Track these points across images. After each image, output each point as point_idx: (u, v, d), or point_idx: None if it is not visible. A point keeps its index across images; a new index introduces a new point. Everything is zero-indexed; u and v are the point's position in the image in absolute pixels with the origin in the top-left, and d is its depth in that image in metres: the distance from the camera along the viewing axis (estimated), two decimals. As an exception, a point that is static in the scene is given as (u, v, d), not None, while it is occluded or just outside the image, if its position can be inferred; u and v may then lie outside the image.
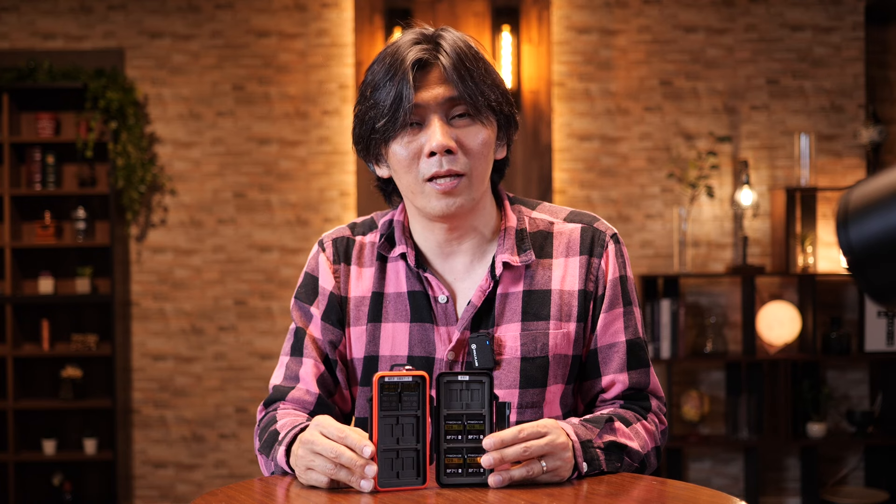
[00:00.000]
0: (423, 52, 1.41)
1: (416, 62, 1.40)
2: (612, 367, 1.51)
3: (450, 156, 1.41)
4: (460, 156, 1.41)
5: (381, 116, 1.41)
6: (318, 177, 4.89)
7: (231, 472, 4.92)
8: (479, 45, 1.47)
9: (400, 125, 1.40)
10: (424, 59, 1.41)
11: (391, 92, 1.40)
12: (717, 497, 1.27)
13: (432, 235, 1.49)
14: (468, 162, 1.42)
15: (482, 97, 1.42)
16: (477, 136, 1.43)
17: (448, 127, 1.41)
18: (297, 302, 1.56)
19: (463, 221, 1.47)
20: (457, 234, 1.49)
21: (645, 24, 4.87)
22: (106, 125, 4.73)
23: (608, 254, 1.51)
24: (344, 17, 4.86)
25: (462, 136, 1.42)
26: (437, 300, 1.48)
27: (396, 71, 1.40)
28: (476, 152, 1.43)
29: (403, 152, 1.42)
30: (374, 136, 1.44)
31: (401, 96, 1.39)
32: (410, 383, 1.30)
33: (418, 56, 1.40)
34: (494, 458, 1.28)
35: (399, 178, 1.46)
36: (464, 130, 1.42)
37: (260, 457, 1.49)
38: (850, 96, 4.88)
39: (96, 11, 4.91)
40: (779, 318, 4.63)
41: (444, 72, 1.41)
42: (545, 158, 4.74)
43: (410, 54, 1.40)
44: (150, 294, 4.93)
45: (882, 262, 0.85)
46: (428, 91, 1.41)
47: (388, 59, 1.42)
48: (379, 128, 1.42)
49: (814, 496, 4.72)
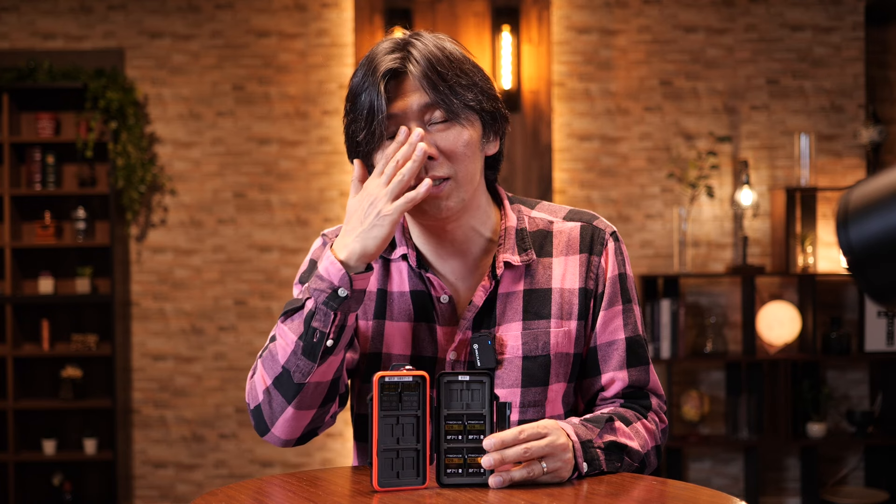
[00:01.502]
0: (393, 61, 1.41)
1: (387, 72, 1.40)
2: (611, 364, 1.51)
3: (431, 162, 1.41)
4: (443, 160, 1.41)
5: (360, 130, 1.42)
6: (318, 177, 4.89)
7: (231, 472, 4.92)
8: (456, 44, 1.46)
9: (377, 137, 1.41)
10: (395, 69, 1.41)
11: (366, 104, 1.41)
12: (717, 497, 1.27)
13: (430, 238, 1.50)
14: (451, 165, 1.42)
15: (457, 99, 1.42)
16: (458, 139, 1.42)
17: (427, 134, 1.41)
18: (301, 286, 1.53)
19: (458, 222, 1.47)
20: (453, 236, 1.49)
21: (645, 24, 4.87)
22: (106, 125, 4.73)
23: (608, 251, 1.52)
24: (344, 17, 4.86)
25: (441, 140, 1.42)
26: (439, 300, 1.48)
27: (370, 82, 1.41)
28: (459, 154, 1.42)
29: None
30: (358, 148, 1.44)
31: (373, 108, 1.40)
32: (410, 383, 1.30)
33: (389, 66, 1.40)
34: (495, 458, 1.29)
35: None
36: (443, 135, 1.42)
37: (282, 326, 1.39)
38: (850, 96, 4.88)
39: (96, 11, 4.91)
40: (779, 318, 4.63)
41: (413, 80, 1.41)
42: (545, 158, 4.74)
43: (382, 65, 1.40)
44: (150, 294, 4.93)
45: (882, 262, 0.85)
46: (402, 100, 1.41)
47: (362, 69, 1.43)
48: (360, 140, 1.43)
49: (814, 496, 4.72)
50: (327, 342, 1.35)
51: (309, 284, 1.38)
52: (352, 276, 1.34)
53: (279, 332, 1.39)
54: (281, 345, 1.39)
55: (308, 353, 1.36)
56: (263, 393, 1.42)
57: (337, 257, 1.36)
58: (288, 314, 1.38)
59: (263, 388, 1.42)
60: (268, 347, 1.42)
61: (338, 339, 1.36)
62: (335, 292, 1.34)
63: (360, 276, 1.36)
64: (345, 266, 1.35)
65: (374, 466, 1.30)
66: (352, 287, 1.35)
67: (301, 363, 1.37)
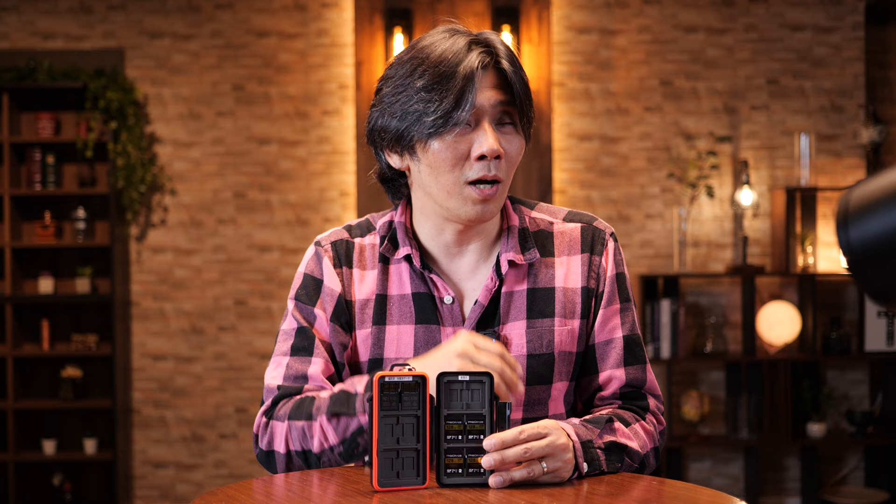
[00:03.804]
0: (483, 54, 1.40)
1: (482, 63, 1.39)
2: (609, 362, 1.52)
3: (496, 161, 1.41)
4: (503, 162, 1.43)
5: (434, 112, 1.38)
6: (318, 177, 4.89)
7: (231, 472, 4.92)
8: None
9: (454, 124, 1.39)
10: (486, 63, 1.40)
11: (451, 90, 1.38)
12: (717, 497, 1.27)
13: (442, 237, 1.50)
14: (507, 169, 1.44)
15: (530, 107, 1.45)
16: (517, 146, 1.44)
17: (496, 132, 1.42)
18: (298, 303, 1.53)
19: (478, 225, 1.49)
20: (467, 237, 1.50)
21: (645, 24, 4.87)
22: (106, 125, 4.73)
23: (608, 251, 1.53)
24: (344, 17, 4.86)
25: (505, 143, 1.43)
26: (443, 301, 1.48)
27: (458, 71, 1.38)
28: (513, 161, 1.44)
29: (448, 152, 1.40)
30: (415, 128, 1.41)
31: (463, 96, 1.38)
32: (411, 383, 1.30)
33: (482, 59, 1.40)
34: (495, 459, 1.29)
35: (435, 176, 1.43)
36: (508, 137, 1.43)
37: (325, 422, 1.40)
38: (850, 96, 4.88)
39: (96, 11, 4.91)
40: (779, 318, 4.63)
41: (502, 77, 1.41)
42: (545, 158, 4.74)
43: (474, 56, 1.39)
44: (150, 294, 4.93)
45: (882, 262, 0.85)
46: (483, 94, 1.40)
47: (441, 54, 1.40)
48: (428, 122, 1.39)
49: (814, 496, 4.72)
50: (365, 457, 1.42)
51: (363, 398, 1.38)
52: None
53: (321, 425, 1.41)
54: (318, 436, 1.41)
55: (346, 458, 1.42)
56: (284, 455, 1.46)
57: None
58: (336, 415, 1.40)
59: (286, 450, 1.45)
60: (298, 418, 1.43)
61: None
62: None
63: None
64: None
65: (374, 466, 1.30)
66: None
67: (335, 459, 1.43)
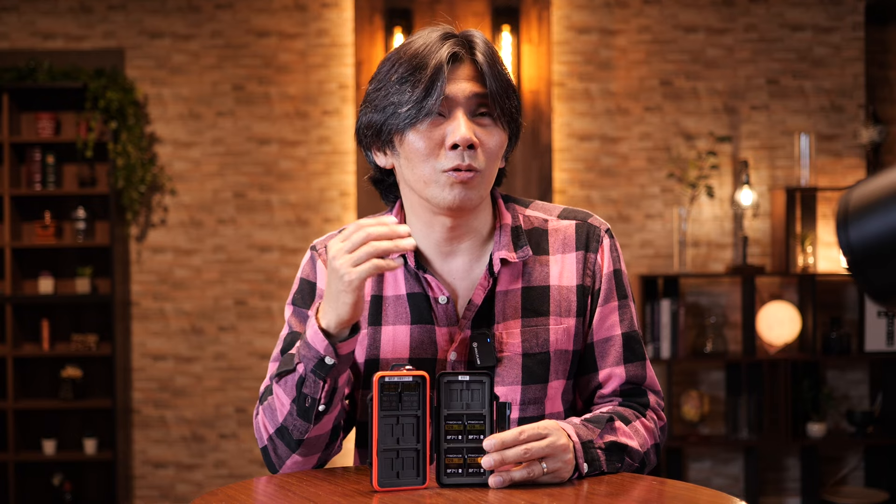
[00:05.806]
0: (456, 46, 1.43)
1: (451, 55, 1.42)
2: (608, 360, 1.51)
3: (471, 151, 1.41)
4: (479, 153, 1.43)
5: (407, 103, 1.41)
6: (318, 177, 4.89)
7: (231, 472, 4.92)
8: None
9: (425, 114, 1.40)
10: (459, 54, 1.43)
11: (422, 80, 1.40)
12: (717, 497, 1.27)
13: (433, 234, 1.49)
14: (484, 160, 1.43)
15: (507, 101, 1.44)
16: (496, 139, 1.44)
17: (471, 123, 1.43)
18: (296, 308, 1.54)
19: (465, 220, 1.48)
20: (457, 233, 1.49)
21: (645, 24, 4.87)
22: (106, 125, 4.73)
23: (603, 248, 1.52)
24: (344, 17, 4.86)
25: (481, 134, 1.43)
26: (438, 301, 1.48)
27: (429, 62, 1.41)
28: (492, 153, 1.44)
29: (422, 142, 1.42)
30: (392, 121, 1.43)
31: (433, 85, 1.40)
32: (410, 383, 1.30)
33: (453, 50, 1.42)
34: (495, 459, 1.29)
35: (412, 168, 1.44)
36: (483, 129, 1.44)
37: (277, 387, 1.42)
38: (850, 96, 4.88)
39: (96, 11, 4.91)
40: (779, 318, 4.63)
41: (477, 69, 1.43)
42: (545, 158, 4.74)
43: (445, 48, 1.42)
44: (150, 294, 4.93)
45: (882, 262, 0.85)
46: (456, 85, 1.42)
47: (416, 49, 1.43)
48: (402, 113, 1.41)
49: (814, 496, 4.72)
50: (319, 407, 1.39)
51: (298, 349, 1.39)
52: (336, 344, 1.35)
53: (275, 392, 1.43)
54: (277, 404, 1.42)
55: (303, 416, 1.40)
56: (268, 440, 1.46)
57: (320, 325, 1.36)
58: (281, 375, 1.41)
59: (267, 435, 1.46)
60: (266, 399, 1.45)
61: (329, 401, 1.39)
62: (322, 361, 1.36)
63: (346, 343, 1.36)
64: (327, 336, 1.36)
65: (374, 466, 1.30)
66: (337, 354, 1.36)
67: (298, 423, 1.41)
